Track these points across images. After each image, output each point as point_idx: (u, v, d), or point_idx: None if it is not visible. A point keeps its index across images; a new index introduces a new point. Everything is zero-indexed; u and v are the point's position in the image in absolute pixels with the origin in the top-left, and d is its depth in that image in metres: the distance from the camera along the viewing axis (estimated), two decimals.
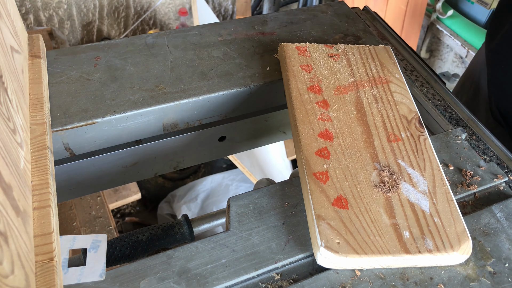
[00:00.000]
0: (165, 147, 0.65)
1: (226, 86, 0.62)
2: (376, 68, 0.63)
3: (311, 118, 0.55)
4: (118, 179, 0.67)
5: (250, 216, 0.50)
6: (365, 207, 0.48)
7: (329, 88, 0.60)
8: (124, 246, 0.56)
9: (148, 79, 0.61)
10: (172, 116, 0.61)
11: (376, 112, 0.57)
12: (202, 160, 0.72)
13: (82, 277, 0.44)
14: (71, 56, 0.64)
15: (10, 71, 0.46)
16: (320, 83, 0.60)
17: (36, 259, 0.40)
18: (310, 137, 0.53)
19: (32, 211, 0.43)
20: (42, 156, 0.48)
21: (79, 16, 1.72)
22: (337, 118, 0.56)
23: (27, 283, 0.36)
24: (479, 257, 0.47)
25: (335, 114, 0.56)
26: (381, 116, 0.57)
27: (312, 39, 0.71)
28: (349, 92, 0.60)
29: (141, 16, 1.87)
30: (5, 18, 0.49)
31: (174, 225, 0.59)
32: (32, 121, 0.51)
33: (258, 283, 0.46)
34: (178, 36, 0.69)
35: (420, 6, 1.86)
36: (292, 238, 0.48)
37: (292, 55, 0.63)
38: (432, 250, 0.45)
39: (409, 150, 0.54)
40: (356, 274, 0.45)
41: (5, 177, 0.36)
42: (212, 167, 1.78)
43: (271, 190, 0.53)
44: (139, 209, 1.72)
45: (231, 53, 0.67)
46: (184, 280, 0.44)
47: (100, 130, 0.58)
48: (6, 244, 0.32)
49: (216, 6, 2.06)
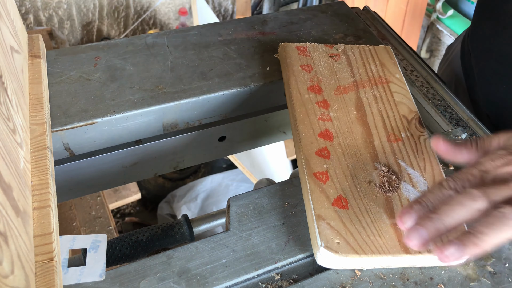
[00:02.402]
0: (165, 147, 0.65)
1: (226, 86, 0.62)
2: (376, 68, 0.63)
3: (311, 118, 0.55)
4: (118, 179, 0.67)
5: (250, 216, 0.50)
6: (365, 207, 0.48)
7: (329, 88, 0.60)
8: (124, 246, 0.56)
9: (148, 79, 0.61)
10: (172, 116, 0.61)
11: (376, 112, 0.57)
12: (202, 160, 0.72)
13: (82, 277, 0.44)
14: (71, 56, 0.64)
15: (10, 71, 0.46)
16: (320, 83, 0.60)
17: (36, 259, 0.40)
18: (310, 137, 0.53)
19: (32, 211, 0.43)
20: (42, 156, 0.48)
21: (79, 16, 1.72)
22: (337, 118, 0.56)
23: (27, 283, 0.36)
24: (479, 257, 0.47)
25: (335, 114, 0.56)
26: (381, 116, 0.57)
27: (312, 39, 0.71)
28: (349, 92, 0.59)
29: (141, 16, 1.87)
30: (5, 18, 0.49)
31: (174, 225, 0.59)
32: (32, 121, 0.51)
33: (258, 283, 0.45)
34: (178, 36, 0.69)
35: (420, 6, 1.86)
36: (292, 238, 0.48)
37: (292, 55, 0.63)
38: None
39: (409, 150, 0.54)
40: (356, 274, 0.45)
41: (5, 177, 0.36)
42: (212, 167, 1.78)
43: (271, 190, 0.53)
44: (139, 209, 1.72)
45: (231, 53, 0.67)
46: (184, 280, 0.44)
47: (100, 130, 0.58)
48: (6, 244, 0.32)
49: (216, 6, 2.06)
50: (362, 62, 0.64)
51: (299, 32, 0.72)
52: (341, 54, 0.65)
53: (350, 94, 0.59)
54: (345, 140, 0.54)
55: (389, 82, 0.61)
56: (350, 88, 0.60)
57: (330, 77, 0.61)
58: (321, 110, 0.56)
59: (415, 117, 0.57)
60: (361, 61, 0.64)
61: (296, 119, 0.55)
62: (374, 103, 0.58)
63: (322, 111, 0.56)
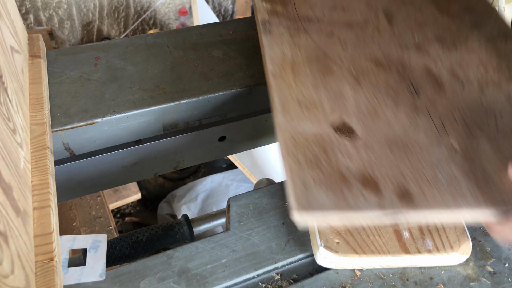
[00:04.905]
0: (165, 147, 0.65)
1: (226, 86, 0.62)
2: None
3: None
4: (118, 179, 0.67)
5: (250, 216, 0.50)
6: None
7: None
8: (124, 246, 0.56)
9: (148, 79, 0.62)
10: (172, 116, 0.61)
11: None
12: (202, 160, 0.72)
13: (82, 277, 0.44)
14: (71, 56, 0.64)
15: (10, 71, 0.46)
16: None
17: (36, 259, 0.40)
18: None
19: (32, 211, 0.43)
20: (42, 156, 0.48)
21: (79, 16, 1.72)
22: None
23: (27, 283, 0.36)
24: (479, 257, 0.48)
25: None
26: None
27: None
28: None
29: (141, 16, 1.87)
30: (5, 18, 0.49)
31: (174, 225, 0.59)
32: (32, 121, 0.51)
33: (258, 283, 0.46)
34: (178, 36, 0.69)
35: None
36: (292, 238, 0.48)
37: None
38: (431, 250, 0.45)
39: None
40: (356, 274, 0.45)
41: (5, 177, 0.36)
42: (212, 167, 1.78)
43: (271, 190, 0.53)
44: (139, 209, 1.72)
45: (231, 53, 0.67)
46: (184, 280, 0.44)
47: (100, 130, 0.58)
48: (6, 244, 0.32)
49: (216, 6, 2.06)
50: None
51: None
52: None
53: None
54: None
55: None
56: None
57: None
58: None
59: None
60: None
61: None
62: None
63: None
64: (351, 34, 0.55)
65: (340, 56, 0.52)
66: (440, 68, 0.52)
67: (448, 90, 0.49)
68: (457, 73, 0.52)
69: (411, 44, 0.55)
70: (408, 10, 0.60)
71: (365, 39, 0.55)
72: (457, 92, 0.49)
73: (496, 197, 0.38)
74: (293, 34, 0.53)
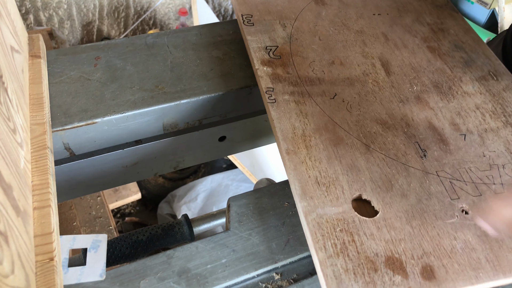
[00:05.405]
0: (165, 147, 0.65)
1: (226, 86, 0.62)
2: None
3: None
4: (118, 179, 0.67)
5: (250, 216, 0.50)
6: None
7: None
8: (124, 246, 0.56)
9: (148, 79, 0.62)
10: (172, 116, 0.61)
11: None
12: (202, 160, 0.72)
13: (82, 277, 0.44)
14: (71, 56, 0.64)
15: (10, 71, 0.46)
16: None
17: (36, 259, 0.40)
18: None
19: (32, 211, 0.43)
20: (42, 156, 0.48)
21: (79, 16, 1.72)
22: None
23: (27, 283, 0.36)
24: None
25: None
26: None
27: None
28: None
29: (141, 16, 1.87)
30: (5, 18, 0.49)
31: (174, 225, 0.59)
32: (32, 121, 0.51)
33: (258, 283, 0.46)
34: (178, 36, 0.69)
35: None
36: (292, 238, 0.48)
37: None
38: None
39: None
40: None
41: (5, 177, 0.36)
42: (212, 167, 1.78)
43: (271, 190, 0.53)
44: (139, 209, 1.72)
45: (231, 53, 0.67)
46: (184, 280, 0.44)
47: (100, 130, 0.58)
48: (6, 244, 0.32)
49: (216, 6, 2.06)
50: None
51: None
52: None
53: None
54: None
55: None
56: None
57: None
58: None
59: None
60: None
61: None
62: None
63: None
64: (353, 92, 0.56)
65: (347, 121, 0.53)
66: (441, 120, 0.55)
67: (452, 145, 0.52)
68: (457, 124, 0.54)
69: (411, 95, 0.57)
70: (402, 55, 0.62)
71: (367, 96, 0.56)
72: (460, 146, 0.52)
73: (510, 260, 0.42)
74: (298, 100, 0.54)
